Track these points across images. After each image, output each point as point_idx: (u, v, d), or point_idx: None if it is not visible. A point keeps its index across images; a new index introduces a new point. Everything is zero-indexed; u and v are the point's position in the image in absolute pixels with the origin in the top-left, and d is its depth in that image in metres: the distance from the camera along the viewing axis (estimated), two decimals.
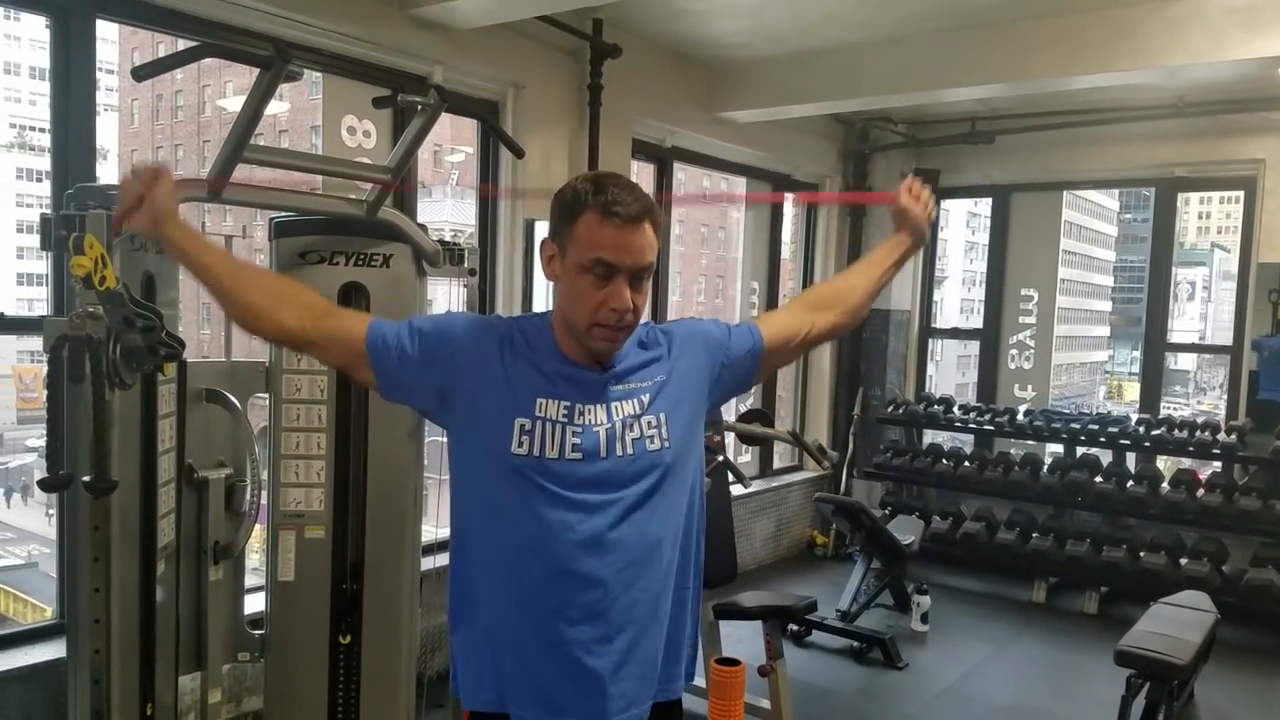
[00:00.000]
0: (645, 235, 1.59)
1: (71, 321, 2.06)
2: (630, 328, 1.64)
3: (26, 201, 22.63)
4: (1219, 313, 31.90)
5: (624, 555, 1.63)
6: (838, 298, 1.99)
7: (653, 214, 1.61)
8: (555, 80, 4.85)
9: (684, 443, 1.71)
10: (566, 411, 1.63)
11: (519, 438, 1.61)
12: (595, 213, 1.57)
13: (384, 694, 3.07)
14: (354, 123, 3.99)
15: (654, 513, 1.66)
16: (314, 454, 2.93)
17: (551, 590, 1.62)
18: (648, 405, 1.67)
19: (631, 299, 1.60)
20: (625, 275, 1.58)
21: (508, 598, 1.65)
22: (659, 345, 1.76)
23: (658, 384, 1.70)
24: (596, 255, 1.57)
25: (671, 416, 1.69)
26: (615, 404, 1.66)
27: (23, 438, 18.87)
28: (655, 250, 1.63)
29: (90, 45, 3.29)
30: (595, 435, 1.62)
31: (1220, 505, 5.68)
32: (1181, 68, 4.69)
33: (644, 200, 1.60)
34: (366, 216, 2.89)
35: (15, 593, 10.35)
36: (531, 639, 1.64)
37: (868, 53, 5.30)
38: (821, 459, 4.63)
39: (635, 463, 1.64)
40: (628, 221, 1.57)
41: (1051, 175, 7.05)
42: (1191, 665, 3.90)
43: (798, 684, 4.18)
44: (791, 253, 7.43)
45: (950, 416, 6.98)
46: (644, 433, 1.65)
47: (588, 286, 1.59)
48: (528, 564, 1.62)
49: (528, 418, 1.61)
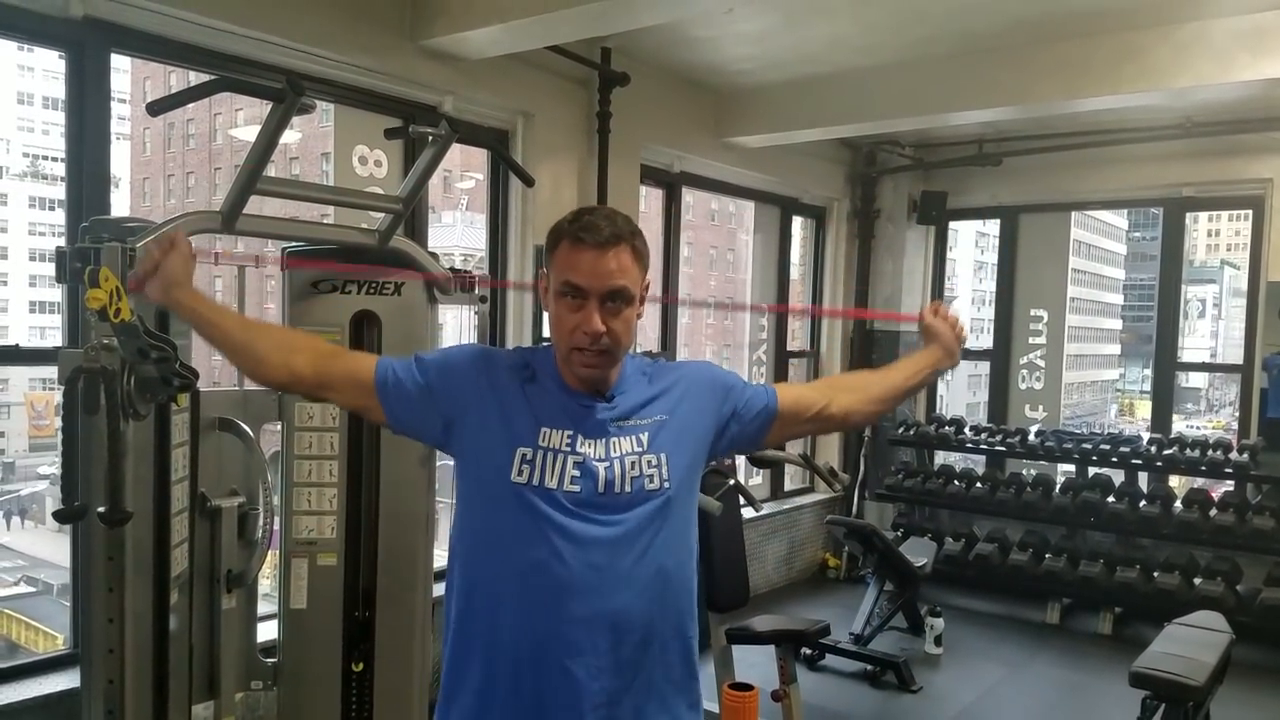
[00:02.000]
0: (615, 260, 1.62)
1: (87, 354, 2.08)
2: (609, 352, 1.65)
3: (40, 230, 22.81)
4: (1230, 330, 31.82)
5: (617, 588, 1.63)
6: (863, 385, 2.01)
7: (629, 240, 1.64)
8: (564, 109, 4.89)
9: (682, 483, 1.71)
10: (569, 441, 1.65)
11: (519, 466, 1.63)
12: (567, 240, 1.63)
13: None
14: (365, 152, 4.04)
15: (649, 549, 1.66)
16: (326, 481, 2.94)
17: (543, 619, 1.62)
18: (648, 444, 1.68)
19: (606, 323, 1.61)
20: (596, 299, 1.61)
21: (501, 622, 1.65)
22: (664, 382, 1.77)
23: (658, 423, 1.71)
24: (566, 279, 1.62)
25: (671, 457, 1.70)
26: (615, 440, 1.67)
27: (35, 465, 18.94)
28: (633, 276, 1.64)
29: (105, 79, 3.33)
30: (595, 471, 1.64)
31: (1234, 524, 5.65)
32: (1188, 90, 4.71)
33: (619, 227, 1.63)
34: (378, 246, 2.91)
35: (27, 620, 10.37)
36: (520, 665, 1.64)
37: (874, 78, 5.33)
38: (833, 482, 4.60)
39: (633, 500, 1.65)
40: (596, 246, 1.61)
41: (1059, 196, 7.05)
42: (1207, 686, 3.86)
43: (811, 708, 4.16)
44: (800, 274, 7.45)
45: (962, 437, 6.96)
46: (643, 471, 1.67)
47: (564, 311, 1.64)
48: (520, 591, 1.63)
49: (529, 447, 1.64)
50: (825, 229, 7.32)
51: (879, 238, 7.35)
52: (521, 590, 1.63)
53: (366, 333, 2.93)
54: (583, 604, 1.61)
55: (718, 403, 1.80)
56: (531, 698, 1.63)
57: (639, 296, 1.68)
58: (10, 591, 12.57)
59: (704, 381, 1.81)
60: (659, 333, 6.01)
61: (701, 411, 1.77)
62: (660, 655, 1.70)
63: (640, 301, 1.69)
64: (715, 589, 3.97)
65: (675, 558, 1.71)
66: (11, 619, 10.59)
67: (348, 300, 2.89)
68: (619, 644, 1.63)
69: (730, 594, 4.07)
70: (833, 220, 7.31)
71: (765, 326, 7.03)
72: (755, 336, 7.07)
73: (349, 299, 2.89)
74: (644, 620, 1.66)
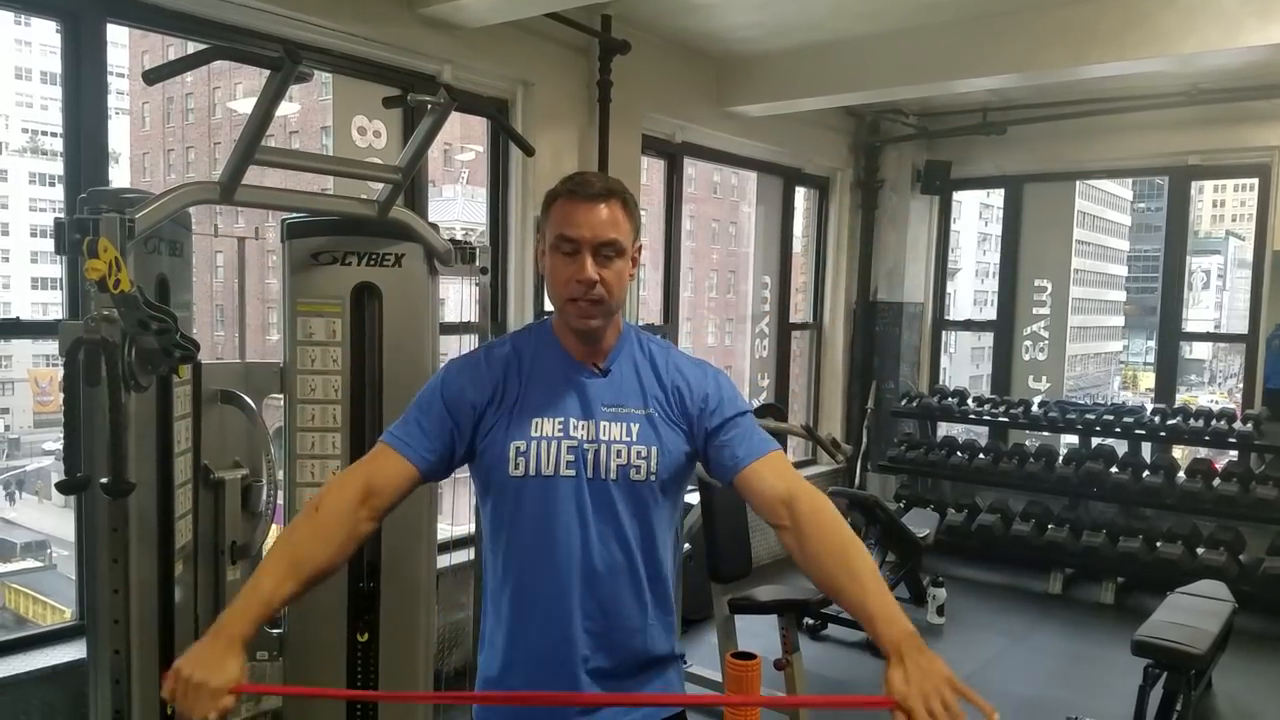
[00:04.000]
0: (606, 212, 1.66)
1: (87, 325, 2.07)
2: (601, 301, 1.66)
3: (40, 206, 22.76)
4: (1234, 301, 31.72)
5: (601, 575, 1.67)
6: (814, 534, 1.62)
7: (619, 195, 1.68)
8: (564, 77, 4.85)
9: (670, 478, 1.72)
10: (561, 427, 1.68)
11: (515, 460, 1.67)
12: (561, 197, 1.69)
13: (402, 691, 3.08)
14: (364, 123, 4.01)
15: (630, 536, 1.69)
16: (329, 454, 2.94)
17: (543, 600, 1.68)
18: (636, 435, 1.69)
19: (599, 273, 1.65)
20: (588, 249, 1.65)
21: (511, 602, 1.72)
22: (665, 375, 1.75)
23: (648, 417, 1.71)
24: (560, 232, 1.66)
25: (660, 450, 1.70)
26: (605, 424, 1.69)
27: (39, 441, 19.00)
28: (624, 229, 1.68)
29: (101, 49, 3.31)
30: (585, 453, 1.67)
31: (1237, 494, 5.66)
32: (1195, 56, 4.65)
33: (610, 184, 1.69)
34: (378, 216, 2.90)
35: (34, 595, 10.46)
36: (525, 642, 1.70)
37: (877, 45, 5.28)
38: (835, 453, 4.61)
39: (618, 487, 1.68)
40: (586, 199, 1.66)
41: (1064, 165, 7.00)
42: (1209, 654, 3.89)
43: (814, 677, 4.18)
44: (803, 247, 7.42)
45: (965, 409, 6.96)
46: (630, 461, 1.68)
47: (558, 264, 1.67)
48: (523, 574, 1.70)
49: (524, 440, 1.67)
50: (828, 200, 7.29)
51: (882, 208, 7.31)
52: (534, 564, 1.68)
53: (367, 304, 2.92)
54: (575, 581, 1.67)
55: (700, 412, 1.73)
56: (544, 653, 1.69)
57: (631, 254, 1.71)
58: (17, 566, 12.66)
59: (702, 390, 1.75)
60: (661, 306, 6.00)
61: (687, 416, 1.73)
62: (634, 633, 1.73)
63: (633, 263, 1.73)
64: (718, 559, 3.98)
65: (651, 551, 1.73)
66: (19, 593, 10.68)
67: (348, 272, 2.88)
68: (601, 614, 1.68)
69: (733, 564, 4.08)
70: (836, 191, 7.27)
71: (768, 299, 7.00)
72: (758, 309, 7.05)
73: (349, 270, 2.88)
74: (614, 601, 1.69)
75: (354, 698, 3.00)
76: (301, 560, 1.58)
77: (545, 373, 1.72)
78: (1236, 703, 4.49)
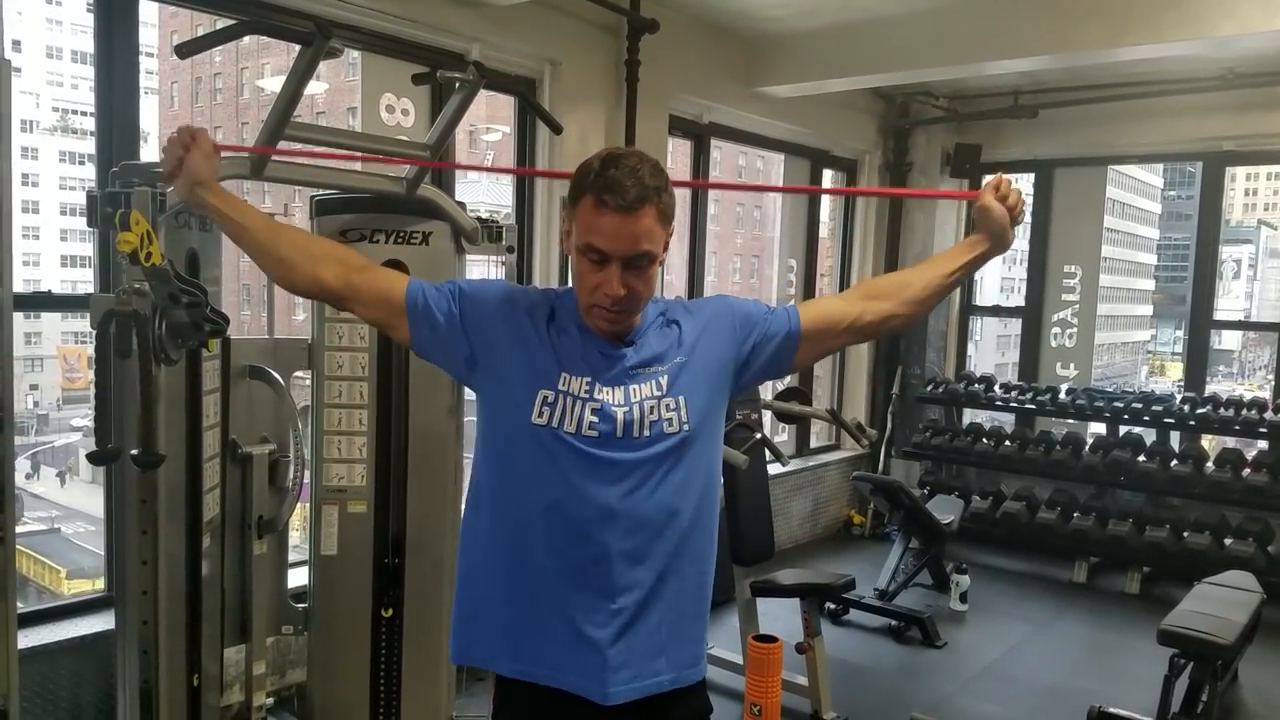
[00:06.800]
0: (640, 223, 1.58)
1: (118, 297, 2.09)
2: (629, 311, 1.65)
3: (70, 185, 22.95)
4: (1265, 291, 31.30)
5: (633, 528, 1.64)
6: (897, 288, 1.88)
7: (654, 200, 1.59)
8: (592, 57, 4.83)
9: (702, 424, 1.70)
10: (588, 388, 1.65)
11: (540, 408, 1.64)
12: (592, 197, 1.58)
13: (426, 667, 3.10)
14: (392, 101, 4.01)
15: (667, 488, 1.66)
16: (356, 430, 2.96)
17: (558, 555, 1.64)
18: (667, 388, 1.67)
19: (628, 284, 1.60)
20: (618, 263, 1.59)
21: (517, 557, 1.68)
22: (683, 323, 1.74)
23: (678, 365, 1.70)
24: (589, 241, 1.60)
25: (690, 399, 1.68)
26: (634, 386, 1.66)
27: (68, 417, 19.21)
28: (656, 237, 1.61)
29: (133, 25, 3.32)
30: (613, 417, 1.64)
31: (1267, 485, 5.59)
32: (1232, 38, 4.57)
33: (644, 185, 1.57)
34: (406, 194, 2.90)
35: (38, 557, 10.64)
36: (535, 600, 1.67)
37: (908, 25, 5.21)
38: (860, 437, 4.59)
39: (651, 444, 1.65)
40: (620, 210, 1.56)
41: (1096, 150, 6.90)
42: (1236, 645, 3.85)
43: (835, 662, 4.18)
44: (830, 231, 7.37)
45: (991, 395, 6.90)
46: (662, 415, 1.66)
47: (585, 269, 1.62)
48: (538, 527, 1.65)
49: (551, 390, 1.64)
50: (856, 183, 7.23)
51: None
52: (545, 526, 1.65)
53: None
54: (599, 542, 1.63)
55: (738, 337, 1.77)
56: (562, 612, 1.66)
57: (661, 255, 1.66)
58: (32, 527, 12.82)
59: (724, 317, 1.78)
60: (686, 290, 5.97)
61: (720, 348, 1.75)
62: (677, 588, 1.71)
63: (663, 248, 1.67)
64: (740, 542, 3.98)
65: (688, 500, 1.70)
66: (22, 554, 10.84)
67: (376, 250, 2.88)
68: (635, 579, 1.65)
69: (755, 548, 4.08)
70: (864, 173, 7.20)
71: (793, 283, 6.97)
72: (783, 293, 7.01)
73: (377, 248, 2.88)
74: (657, 557, 1.67)
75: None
76: (280, 231, 1.77)
77: (573, 338, 1.69)
78: (1264, 694, 4.44)
